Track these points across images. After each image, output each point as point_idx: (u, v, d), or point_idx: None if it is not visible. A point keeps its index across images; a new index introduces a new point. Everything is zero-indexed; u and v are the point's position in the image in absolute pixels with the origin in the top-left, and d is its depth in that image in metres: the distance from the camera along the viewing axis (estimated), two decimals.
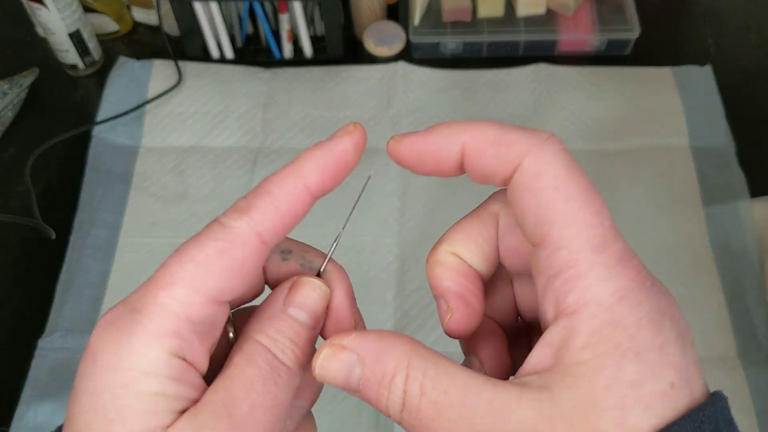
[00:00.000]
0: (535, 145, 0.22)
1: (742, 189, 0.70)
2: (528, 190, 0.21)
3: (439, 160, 0.23)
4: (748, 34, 0.84)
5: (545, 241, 0.21)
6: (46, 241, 0.67)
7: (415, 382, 0.21)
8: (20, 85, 0.78)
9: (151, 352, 0.21)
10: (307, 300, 0.25)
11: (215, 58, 0.82)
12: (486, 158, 0.22)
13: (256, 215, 0.24)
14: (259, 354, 0.23)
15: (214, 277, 0.22)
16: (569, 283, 0.20)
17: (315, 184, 0.24)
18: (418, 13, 0.81)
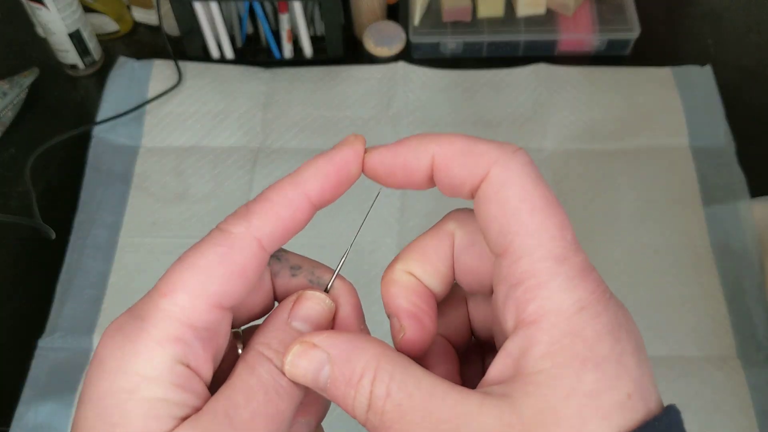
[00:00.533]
0: (502, 156, 0.22)
1: (742, 189, 0.70)
2: (494, 200, 0.22)
3: (409, 172, 0.24)
4: (748, 34, 0.84)
5: (508, 251, 0.21)
6: (46, 241, 0.67)
7: (381, 384, 0.21)
8: (20, 85, 0.78)
9: (155, 358, 0.21)
10: (310, 313, 0.25)
11: (215, 58, 0.82)
12: (454, 169, 0.23)
13: (255, 221, 0.23)
14: (261, 364, 0.23)
15: (215, 282, 0.22)
16: (530, 292, 0.20)
17: (315, 193, 0.24)
18: (418, 13, 0.81)
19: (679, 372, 0.60)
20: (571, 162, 0.73)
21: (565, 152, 0.74)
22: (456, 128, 0.76)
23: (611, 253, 0.67)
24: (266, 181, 0.73)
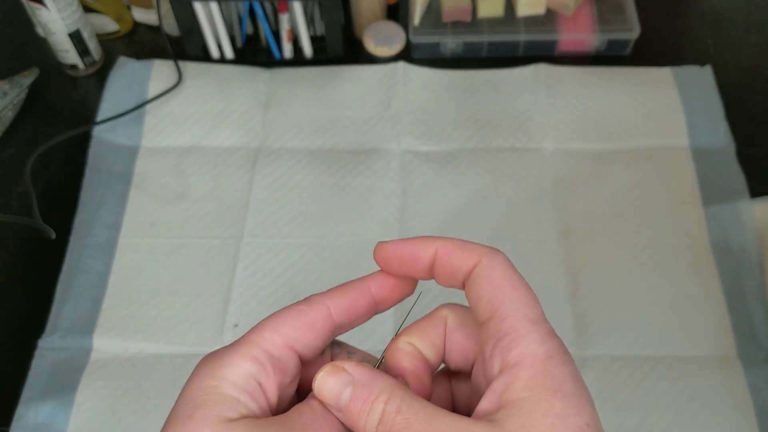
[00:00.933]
0: (489, 250, 0.29)
1: (742, 189, 0.70)
2: (485, 278, 0.28)
3: (416, 260, 0.31)
4: (748, 34, 0.84)
5: (495, 314, 0.27)
6: (46, 241, 0.67)
7: (393, 403, 0.27)
8: (20, 85, 0.78)
9: (237, 367, 0.28)
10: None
11: (215, 58, 0.82)
12: (454, 257, 0.30)
13: (329, 293, 0.31)
14: (315, 399, 0.29)
15: (291, 327, 0.29)
16: (513, 343, 0.27)
17: (377, 291, 0.32)
18: (418, 13, 0.81)
19: (679, 372, 0.60)
20: (571, 162, 0.73)
21: (565, 152, 0.74)
22: (456, 128, 0.76)
23: (611, 253, 0.67)
24: (266, 181, 0.73)
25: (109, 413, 0.60)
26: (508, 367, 0.26)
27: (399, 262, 0.31)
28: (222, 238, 0.69)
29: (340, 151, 0.75)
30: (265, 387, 0.28)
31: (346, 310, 0.31)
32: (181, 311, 0.65)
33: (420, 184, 0.72)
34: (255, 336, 0.29)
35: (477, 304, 0.29)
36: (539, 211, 0.70)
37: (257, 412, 0.27)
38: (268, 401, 0.28)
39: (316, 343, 0.30)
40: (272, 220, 0.70)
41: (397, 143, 0.75)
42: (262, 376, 0.28)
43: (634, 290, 0.65)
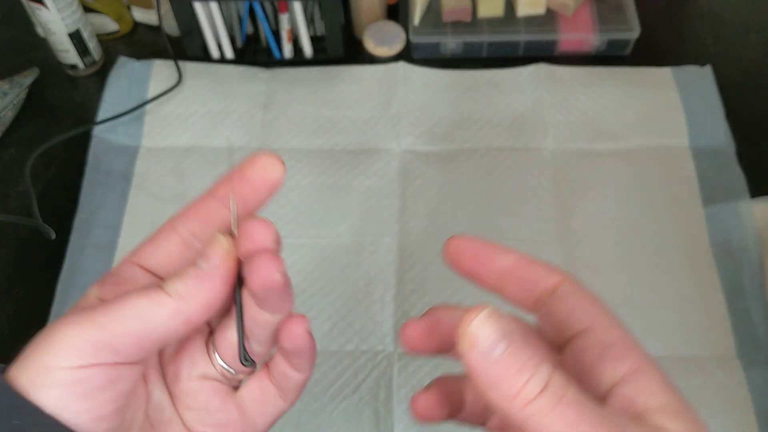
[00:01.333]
0: (567, 272, 0.30)
1: (742, 189, 0.70)
2: (576, 293, 0.29)
3: (492, 262, 0.31)
4: (748, 34, 0.84)
5: (595, 324, 0.28)
6: (46, 241, 0.67)
7: (562, 376, 0.24)
8: (20, 85, 0.78)
9: (84, 296, 0.30)
10: (207, 249, 0.29)
11: (215, 58, 0.82)
12: (535, 271, 0.30)
13: None
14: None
15: (136, 250, 0.31)
16: (627, 351, 0.27)
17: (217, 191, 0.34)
18: (418, 13, 0.81)
19: (679, 372, 0.61)
20: (571, 162, 0.73)
21: (565, 152, 0.74)
22: (456, 128, 0.76)
23: (611, 253, 0.67)
24: None
25: None
26: (631, 372, 0.26)
27: (473, 259, 0.31)
28: None
29: (340, 151, 0.75)
30: (104, 297, 0.29)
31: (189, 216, 0.31)
32: None
33: (420, 184, 0.72)
34: None
35: (569, 316, 0.29)
36: (539, 211, 0.70)
37: None
38: None
39: (159, 255, 0.31)
40: (272, 220, 0.70)
41: (397, 143, 0.75)
42: (99, 291, 0.29)
43: (634, 290, 0.65)
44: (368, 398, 0.60)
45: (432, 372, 0.61)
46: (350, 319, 0.64)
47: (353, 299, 0.65)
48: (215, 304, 0.28)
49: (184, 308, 0.27)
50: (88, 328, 0.26)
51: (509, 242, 0.69)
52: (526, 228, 0.69)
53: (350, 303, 0.65)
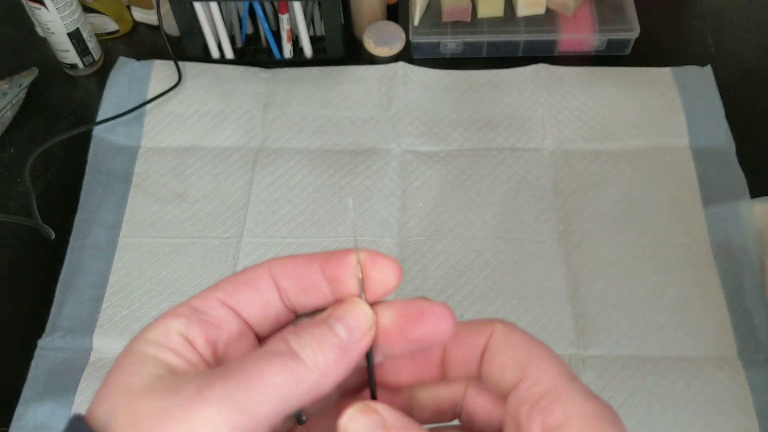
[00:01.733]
0: (497, 320, 0.28)
1: (742, 189, 0.70)
2: (505, 344, 0.27)
3: (422, 364, 0.28)
4: (748, 34, 0.84)
5: (526, 376, 0.26)
6: (46, 241, 0.67)
7: None
8: (20, 85, 0.78)
9: (159, 327, 0.26)
10: (351, 319, 0.26)
11: (215, 58, 0.82)
12: (465, 337, 0.28)
13: (273, 261, 0.28)
14: (274, 342, 0.25)
15: (226, 284, 0.27)
16: (554, 402, 0.25)
17: (323, 263, 0.28)
18: (418, 13, 0.81)
19: (679, 372, 0.60)
20: (571, 162, 0.73)
21: (565, 152, 0.74)
22: (456, 128, 0.76)
23: (611, 252, 0.67)
24: (266, 181, 0.73)
25: None
26: (552, 429, 0.24)
27: (408, 370, 0.29)
28: (222, 238, 0.69)
29: (340, 151, 0.75)
30: (192, 339, 0.25)
31: (287, 272, 0.27)
32: None
33: (420, 184, 0.72)
34: (192, 297, 0.27)
35: (502, 371, 0.27)
36: (539, 211, 0.70)
37: (185, 367, 0.25)
38: (200, 355, 0.25)
39: (255, 303, 0.27)
40: (272, 220, 0.70)
41: (397, 143, 0.75)
42: (185, 329, 0.25)
43: (634, 290, 0.65)
44: None
45: None
46: None
47: None
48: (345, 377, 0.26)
49: (321, 383, 0.25)
50: (230, 411, 0.23)
51: (509, 242, 0.69)
52: (526, 228, 0.69)
53: None
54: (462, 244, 0.68)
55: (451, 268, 0.67)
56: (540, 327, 0.63)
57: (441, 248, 0.68)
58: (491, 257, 0.67)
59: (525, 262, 0.67)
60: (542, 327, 0.63)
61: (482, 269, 0.67)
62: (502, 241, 0.68)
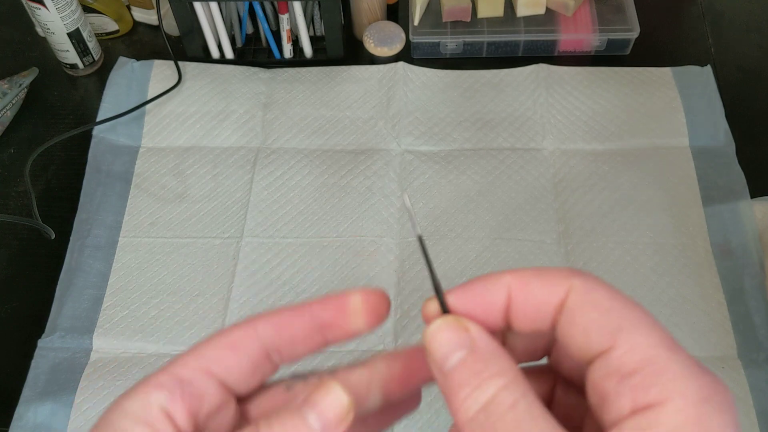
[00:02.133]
0: (576, 272, 0.24)
1: (742, 189, 0.70)
2: (587, 304, 0.23)
3: (485, 308, 0.24)
4: (748, 34, 0.84)
5: (616, 344, 0.22)
6: (46, 241, 0.67)
7: (510, 394, 0.21)
8: (20, 85, 0.78)
9: (138, 399, 0.24)
10: (325, 407, 0.24)
11: (215, 58, 0.82)
12: (535, 290, 0.24)
13: (262, 314, 0.27)
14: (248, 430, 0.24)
15: (209, 349, 0.25)
16: (650, 379, 0.21)
17: (320, 313, 0.27)
18: (418, 13, 0.81)
19: None
20: (571, 162, 0.73)
21: (565, 152, 0.74)
22: (456, 128, 0.76)
23: (611, 253, 0.67)
24: (266, 181, 0.73)
25: None
26: (645, 409, 0.20)
27: (464, 316, 0.25)
28: (222, 238, 0.69)
29: (340, 151, 0.75)
30: (172, 413, 0.24)
31: (275, 329, 0.26)
32: (181, 311, 0.65)
33: (420, 184, 0.72)
34: (172, 362, 0.25)
35: (584, 337, 0.23)
36: (539, 211, 0.70)
37: None
38: (178, 427, 0.24)
39: (240, 368, 0.25)
40: (272, 220, 0.70)
41: (397, 143, 0.75)
42: (166, 402, 0.24)
43: (634, 290, 0.65)
44: None
45: None
46: None
47: None
48: None
49: None
50: None
51: (509, 242, 0.69)
52: (526, 228, 0.69)
53: None
54: (462, 244, 0.68)
55: (451, 268, 0.67)
56: None
57: (441, 248, 0.68)
58: (491, 257, 0.67)
59: (525, 262, 0.67)
60: None
61: (482, 269, 0.66)
62: (502, 241, 0.68)
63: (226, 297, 0.66)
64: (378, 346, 0.63)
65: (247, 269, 0.67)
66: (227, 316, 0.65)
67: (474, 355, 0.23)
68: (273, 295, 0.66)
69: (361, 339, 0.63)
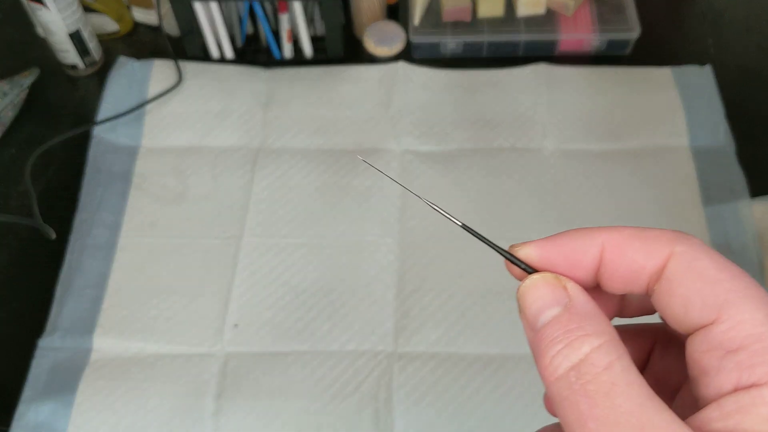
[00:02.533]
0: (680, 235, 0.22)
1: (742, 189, 0.70)
2: (690, 273, 0.21)
3: (573, 264, 0.23)
4: (748, 34, 0.84)
5: (720, 318, 0.21)
6: (46, 241, 0.67)
7: (605, 356, 0.20)
8: (20, 85, 0.78)
9: None
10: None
11: (215, 58, 0.82)
12: (631, 252, 0.22)
13: None
14: None
15: None
16: (757, 356, 0.20)
17: None
18: (418, 13, 0.81)
19: None
20: (571, 162, 0.73)
21: (565, 152, 0.74)
22: (456, 128, 0.76)
23: None
24: (266, 181, 0.73)
25: (109, 413, 0.60)
26: (749, 387, 0.19)
27: (548, 269, 0.24)
28: (222, 238, 0.69)
29: (340, 151, 0.75)
30: None
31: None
32: (181, 311, 0.65)
33: (420, 184, 0.72)
34: None
35: (685, 308, 0.21)
36: (539, 211, 0.70)
37: None
38: None
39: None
40: (272, 220, 0.70)
41: (397, 143, 0.75)
42: None
43: None
44: (368, 398, 0.60)
45: (432, 371, 0.61)
46: (350, 319, 0.64)
47: (353, 299, 0.65)
48: None
49: None
50: None
51: (509, 242, 0.69)
52: (526, 228, 0.69)
53: (350, 303, 0.65)
54: (462, 244, 0.68)
55: (451, 268, 0.67)
56: None
57: (441, 248, 0.68)
58: (491, 257, 0.67)
59: None
60: None
61: (483, 269, 0.67)
62: (502, 241, 0.68)
63: (226, 297, 0.66)
64: (378, 346, 0.63)
65: (247, 269, 0.67)
66: (227, 316, 0.65)
67: (569, 313, 0.22)
68: (273, 295, 0.66)
69: (362, 339, 0.63)
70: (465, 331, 0.63)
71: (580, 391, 0.20)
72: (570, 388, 0.20)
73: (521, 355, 0.62)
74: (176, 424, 0.59)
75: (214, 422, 0.59)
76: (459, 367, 0.61)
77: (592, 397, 0.20)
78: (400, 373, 0.61)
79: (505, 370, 0.61)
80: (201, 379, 0.61)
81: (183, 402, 0.60)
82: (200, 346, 0.63)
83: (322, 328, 0.64)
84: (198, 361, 0.63)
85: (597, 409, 0.19)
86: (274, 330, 0.64)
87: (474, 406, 0.60)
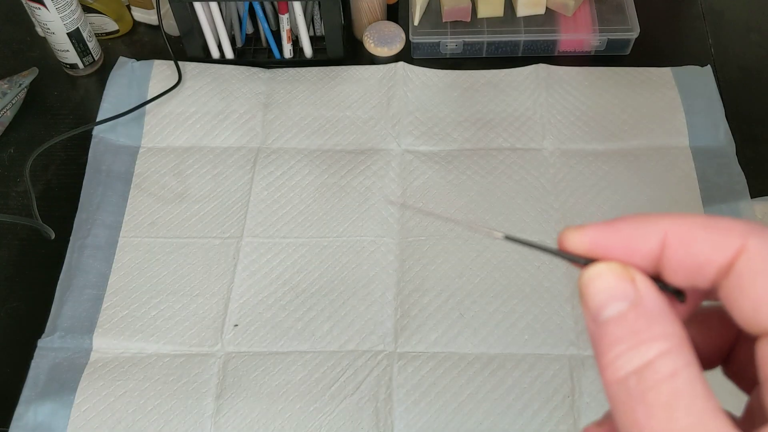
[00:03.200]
0: (754, 227, 0.20)
1: (742, 189, 0.70)
2: (764, 272, 0.20)
3: (631, 252, 0.21)
4: (748, 34, 0.84)
5: None
6: (45, 241, 0.67)
7: (672, 363, 0.19)
8: (20, 85, 0.78)
9: None
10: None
11: (215, 58, 0.82)
12: (698, 243, 0.20)
13: None
14: None
15: None
16: None
17: None
18: (418, 13, 0.81)
19: None
20: (570, 162, 0.73)
21: (565, 152, 0.74)
22: (456, 128, 0.76)
23: None
24: (266, 181, 0.73)
25: (109, 413, 0.60)
26: None
27: (603, 255, 0.22)
28: (222, 238, 0.69)
29: (340, 151, 0.75)
30: None
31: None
32: (181, 311, 0.65)
33: (420, 184, 0.72)
34: None
35: (755, 308, 0.20)
36: (539, 211, 0.70)
37: None
38: None
39: None
40: (272, 220, 0.70)
41: (397, 143, 0.75)
42: None
43: None
44: (368, 398, 0.60)
45: (432, 371, 0.61)
46: (350, 319, 0.64)
47: (353, 299, 0.65)
48: None
49: None
50: None
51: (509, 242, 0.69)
52: (526, 228, 0.69)
53: (350, 303, 0.65)
54: (462, 244, 0.68)
55: (451, 268, 0.67)
56: (540, 327, 0.63)
57: (441, 248, 0.68)
58: (491, 257, 0.67)
59: (525, 262, 0.67)
60: (542, 327, 0.63)
61: (482, 269, 0.66)
62: (502, 241, 0.68)
63: (226, 297, 0.66)
64: (378, 346, 0.63)
65: (247, 269, 0.67)
66: (227, 316, 0.65)
67: (636, 311, 0.20)
68: (273, 295, 0.66)
69: (361, 339, 0.63)
70: (465, 331, 0.63)
71: (639, 399, 0.19)
72: (628, 394, 0.19)
73: (521, 355, 0.62)
74: (176, 424, 0.59)
75: (213, 422, 0.59)
76: (459, 367, 0.61)
77: (650, 406, 0.18)
78: (399, 372, 0.61)
79: (505, 370, 0.61)
80: (201, 379, 0.61)
81: (183, 402, 0.60)
82: (200, 346, 0.63)
83: (322, 327, 0.64)
84: (198, 361, 0.63)
85: (653, 420, 0.18)
86: (274, 330, 0.64)
87: (474, 406, 0.60)
